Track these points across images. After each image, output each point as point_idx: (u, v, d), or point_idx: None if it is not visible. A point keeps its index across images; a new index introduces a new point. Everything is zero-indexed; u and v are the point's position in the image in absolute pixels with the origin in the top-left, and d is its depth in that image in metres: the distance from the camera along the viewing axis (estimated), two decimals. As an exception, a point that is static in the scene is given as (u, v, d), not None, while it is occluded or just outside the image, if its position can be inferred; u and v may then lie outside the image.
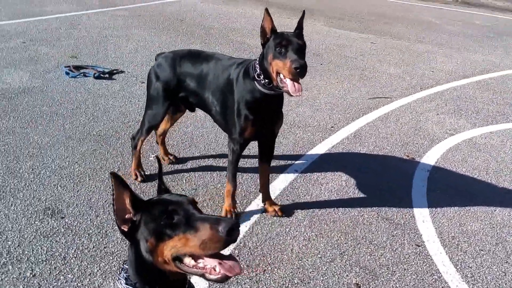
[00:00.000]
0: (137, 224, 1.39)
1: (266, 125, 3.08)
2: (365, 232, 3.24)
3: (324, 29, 8.68)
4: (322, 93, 5.65)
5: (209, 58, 3.23)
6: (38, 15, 7.68)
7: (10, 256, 2.72)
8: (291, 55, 2.68)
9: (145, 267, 1.39)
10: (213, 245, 1.28)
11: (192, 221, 1.32)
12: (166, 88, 3.28)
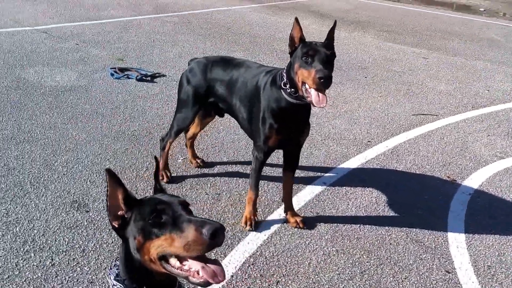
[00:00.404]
0: (128, 221, 1.42)
1: (291, 135, 3.06)
2: (390, 252, 3.15)
3: (374, 42, 8.55)
4: (363, 106, 5.56)
5: (240, 65, 3.27)
6: (93, 19, 8.01)
7: (34, 244, 2.84)
8: (317, 65, 2.66)
9: (134, 265, 1.41)
10: (197, 247, 1.29)
11: (179, 221, 1.33)
12: (196, 93, 3.34)
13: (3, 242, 2.82)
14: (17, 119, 4.29)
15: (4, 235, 2.88)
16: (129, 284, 1.42)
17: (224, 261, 2.89)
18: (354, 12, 11.27)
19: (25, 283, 2.55)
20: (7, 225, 2.97)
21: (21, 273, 2.62)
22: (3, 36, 6.54)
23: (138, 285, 1.42)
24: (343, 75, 6.61)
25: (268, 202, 3.54)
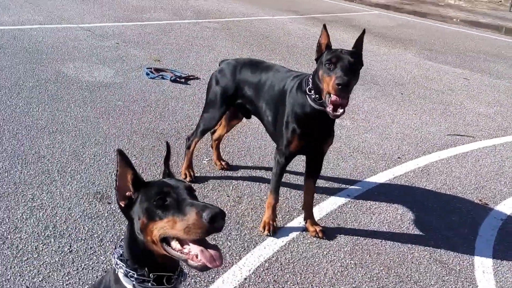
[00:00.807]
0: (134, 202, 1.45)
1: (314, 141, 3.05)
2: (411, 271, 3.07)
3: (414, 60, 8.44)
4: (396, 122, 5.48)
5: (269, 68, 3.29)
6: (135, 20, 8.23)
7: (55, 230, 2.91)
8: (337, 72, 2.67)
9: (137, 246, 1.44)
10: (196, 230, 1.31)
11: (182, 205, 1.36)
12: (224, 93, 3.37)
13: (25, 225, 2.91)
14: (52, 110, 4.43)
15: (28, 219, 2.97)
16: (132, 265, 1.44)
17: (239, 264, 2.89)
18: (396, 29, 11.17)
19: (42, 266, 2.61)
20: (31, 210, 3.05)
21: (40, 257, 2.68)
22: (49, 31, 6.79)
23: (140, 266, 1.43)
24: (379, 90, 6.54)
25: (289, 209, 3.53)
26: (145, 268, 1.43)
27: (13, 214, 2.99)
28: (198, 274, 2.73)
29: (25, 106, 4.41)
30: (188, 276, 2.49)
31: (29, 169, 3.47)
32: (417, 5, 15.51)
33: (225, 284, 2.71)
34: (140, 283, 1.43)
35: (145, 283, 1.42)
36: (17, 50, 5.85)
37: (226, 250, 2.99)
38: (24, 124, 4.09)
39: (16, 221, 2.93)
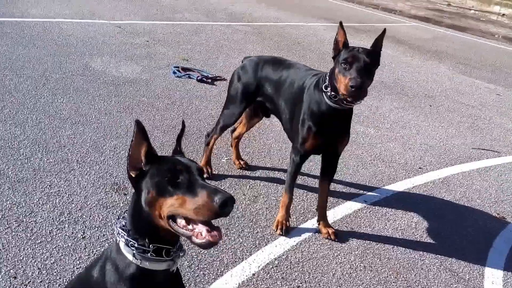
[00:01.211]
0: (145, 174, 1.50)
1: (329, 141, 3.10)
2: (420, 277, 3.10)
3: (447, 73, 8.39)
4: (421, 133, 5.48)
5: (290, 66, 3.36)
6: (167, 20, 8.43)
7: (70, 216, 3.04)
8: (352, 73, 2.73)
9: (141, 217, 1.50)
10: (206, 212, 1.37)
11: (193, 185, 1.41)
12: (245, 90, 3.47)
13: (41, 210, 3.05)
14: (76, 102, 4.60)
15: (44, 204, 3.11)
16: (133, 235, 1.50)
17: (249, 260, 2.96)
18: (432, 41, 11.12)
19: (55, 250, 2.74)
20: (48, 196, 3.20)
21: (53, 241, 2.81)
22: (80, 26, 7.03)
23: (141, 236, 1.50)
24: (407, 101, 6.55)
25: (304, 210, 3.58)
26: (146, 239, 1.49)
27: (30, 199, 3.13)
28: (207, 266, 2.82)
29: (50, 97, 4.60)
30: (187, 253, 2.56)
31: (49, 157, 3.62)
32: (457, 19, 15.36)
33: (233, 278, 2.79)
34: (140, 253, 1.49)
35: (145, 254, 1.49)
36: (46, 42, 6.09)
37: (237, 246, 3.07)
38: (48, 114, 4.27)
39: (32, 206, 3.07)
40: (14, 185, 3.22)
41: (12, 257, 2.62)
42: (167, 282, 1.57)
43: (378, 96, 6.47)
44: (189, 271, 2.76)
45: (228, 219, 3.29)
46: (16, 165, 3.44)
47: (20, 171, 3.39)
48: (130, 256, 1.50)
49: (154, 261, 1.50)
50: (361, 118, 5.59)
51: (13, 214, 2.96)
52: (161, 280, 1.54)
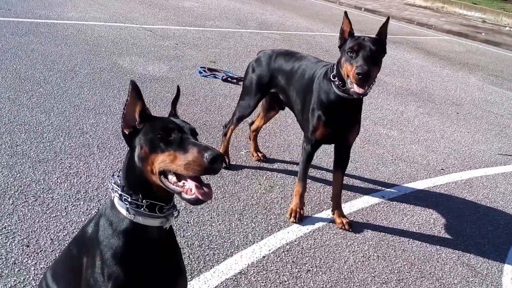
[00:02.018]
0: (138, 131, 1.54)
1: (338, 130, 3.10)
2: (435, 269, 3.02)
3: (477, 84, 8.24)
4: (446, 138, 5.38)
5: (302, 58, 3.39)
6: (198, 26, 8.58)
7: (86, 195, 3.10)
8: (359, 61, 2.72)
9: (134, 173, 1.52)
10: (196, 167, 1.38)
11: (185, 143, 1.44)
12: (259, 81, 3.50)
13: (59, 188, 3.11)
14: (101, 95, 4.71)
15: (62, 183, 3.18)
16: (127, 190, 1.52)
17: (260, 243, 2.95)
18: (464, 54, 10.95)
19: (69, 224, 2.79)
20: (67, 176, 3.27)
21: (68, 215, 2.87)
22: (112, 29, 7.22)
23: (134, 192, 1.51)
24: (433, 107, 6.45)
25: (319, 202, 3.56)
26: (139, 195, 1.50)
27: (49, 177, 3.21)
28: (217, 246, 2.82)
29: (76, 89, 4.72)
30: (180, 212, 2.53)
31: (71, 142, 3.71)
32: (491, 34, 15.11)
33: (242, 259, 2.78)
34: (134, 208, 1.50)
35: (138, 209, 1.50)
36: (79, 41, 6.28)
37: (249, 230, 3.06)
38: (73, 104, 4.38)
39: (50, 184, 3.14)
40: (35, 165, 3.31)
41: (27, 228, 2.69)
42: (161, 240, 1.57)
43: (403, 102, 6.40)
44: (199, 250, 2.77)
45: (242, 205, 3.30)
46: (39, 147, 3.54)
47: (42, 153, 3.48)
48: (123, 211, 1.51)
49: (147, 217, 1.50)
50: (385, 121, 5.53)
51: (31, 190, 3.03)
52: (154, 237, 1.54)
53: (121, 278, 1.49)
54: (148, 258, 1.54)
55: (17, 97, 4.30)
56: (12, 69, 4.92)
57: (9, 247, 2.51)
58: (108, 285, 1.49)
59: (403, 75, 7.82)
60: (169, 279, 1.60)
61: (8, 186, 3.02)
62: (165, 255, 1.59)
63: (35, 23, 6.79)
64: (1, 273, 2.34)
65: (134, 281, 1.51)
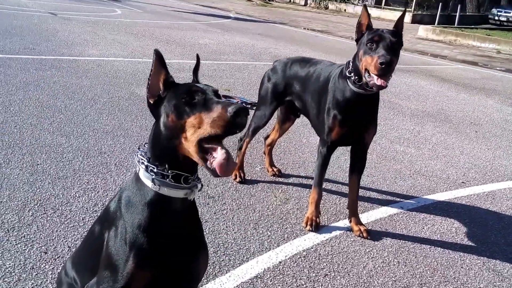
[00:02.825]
0: (163, 99, 1.53)
1: (354, 129, 3.06)
2: (460, 274, 2.93)
3: (495, 106, 8.17)
4: (465, 154, 5.30)
5: (317, 63, 3.40)
6: (213, 60, 8.74)
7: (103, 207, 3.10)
8: (380, 51, 2.71)
9: (160, 143, 1.51)
10: (221, 123, 1.38)
11: (209, 103, 1.44)
12: (274, 90, 3.53)
13: (77, 201, 3.14)
14: (119, 119, 4.80)
15: (80, 196, 3.21)
16: (153, 161, 1.52)
17: (276, 250, 2.92)
18: (480, 80, 10.90)
19: (86, 233, 2.79)
20: (85, 191, 3.30)
21: (85, 225, 2.88)
22: (130, 63, 7.42)
23: (160, 162, 1.50)
24: (451, 127, 6.40)
25: (336, 212, 3.51)
26: (165, 165, 1.50)
27: (67, 192, 3.25)
28: (232, 252, 2.79)
29: (96, 115, 4.82)
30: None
31: (89, 161, 3.76)
32: (507, 63, 15.05)
33: (259, 264, 2.74)
34: (159, 178, 1.49)
35: (164, 179, 1.49)
36: (98, 74, 6.45)
37: (265, 238, 3.03)
38: (92, 128, 4.47)
39: (69, 197, 3.18)
40: (54, 181, 3.36)
41: (45, 236, 2.71)
42: (184, 212, 1.56)
43: (420, 122, 6.36)
44: (215, 256, 2.74)
45: (257, 215, 3.28)
46: (58, 166, 3.59)
47: (61, 170, 3.53)
48: (149, 182, 1.51)
49: (172, 187, 1.50)
50: (401, 140, 5.50)
51: (50, 203, 3.07)
52: (178, 209, 1.53)
53: (144, 247, 1.49)
54: (172, 230, 1.53)
55: (39, 122, 4.41)
56: (34, 98, 5.07)
57: (27, 254, 2.53)
58: (130, 253, 1.48)
59: (418, 99, 7.81)
60: (191, 253, 1.59)
61: (28, 200, 3.06)
62: (188, 228, 1.58)
63: (58, 59, 7.02)
64: (20, 277, 2.35)
65: (156, 252, 1.50)
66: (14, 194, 3.11)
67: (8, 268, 2.40)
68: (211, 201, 3.39)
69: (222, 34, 12.45)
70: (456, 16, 23.35)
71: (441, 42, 18.55)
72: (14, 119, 4.41)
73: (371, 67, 2.74)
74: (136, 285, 1.50)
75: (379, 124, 3.22)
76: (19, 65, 6.38)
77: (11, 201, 3.03)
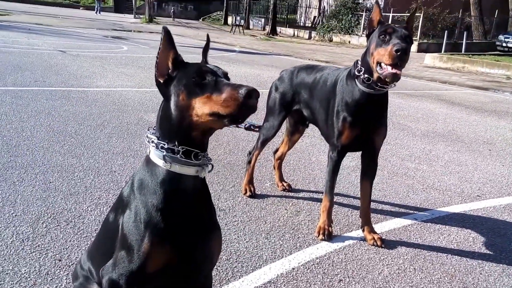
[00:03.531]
0: (173, 78, 1.57)
1: (365, 131, 3.05)
2: (478, 280, 2.91)
3: (508, 126, 8.18)
4: (479, 170, 5.31)
5: (324, 69, 3.45)
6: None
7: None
8: (394, 40, 2.71)
9: (170, 122, 1.55)
10: (232, 103, 1.42)
11: (219, 84, 1.49)
12: (282, 99, 3.60)
13: (89, 214, 3.20)
14: (129, 142, 4.90)
15: (92, 210, 3.27)
16: (162, 140, 1.56)
17: (289, 257, 2.93)
18: (491, 104, 10.95)
19: (99, 245, 2.83)
20: (97, 205, 3.36)
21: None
22: (138, 93, 7.60)
23: (170, 140, 1.55)
24: (464, 145, 6.42)
25: (348, 223, 3.52)
26: (175, 142, 1.54)
27: (80, 206, 3.31)
28: (245, 260, 2.81)
29: (105, 138, 4.92)
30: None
31: (100, 179, 3.83)
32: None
33: (271, 270, 2.75)
34: (170, 155, 1.53)
35: (175, 155, 1.53)
36: (107, 103, 6.61)
37: (277, 246, 3.05)
38: (103, 150, 4.56)
39: (81, 211, 3.24)
40: (67, 197, 3.43)
41: (59, 246, 2.76)
42: (196, 191, 1.59)
43: (430, 142, 6.40)
44: (227, 263, 2.76)
45: (268, 226, 3.30)
46: (70, 183, 3.67)
47: (73, 187, 3.61)
48: (160, 161, 1.55)
49: (183, 164, 1.54)
50: (413, 157, 5.52)
51: (63, 216, 3.13)
52: (190, 188, 1.57)
53: (159, 226, 1.53)
54: (184, 209, 1.57)
55: (50, 146, 4.51)
56: (45, 125, 5.20)
57: (42, 262, 2.58)
58: (145, 232, 1.52)
59: (428, 121, 7.86)
60: (204, 233, 1.62)
61: (42, 213, 3.13)
62: (200, 208, 1.61)
63: (67, 90, 7.21)
64: (35, 281, 2.40)
65: (170, 230, 1.54)
66: (28, 208, 3.19)
67: (24, 274, 2.45)
68: (222, 214, 3.42)
69: (228, 65, 12.67)
70: (462, 44, 23.60)
71: (448, 69, 18.66)
72: (26, 143, 4.53)
73: (384, 57, 2.73)
74: (151, 265, 1.53)
75: (388, 143, 3.24)
76: (30, 96, 6.55)
77: (25, 214, 3.10)
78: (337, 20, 30.99)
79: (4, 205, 3.22)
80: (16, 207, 3.19)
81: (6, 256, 2.60)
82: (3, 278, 2.40)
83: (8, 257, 2.59)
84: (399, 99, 9.96)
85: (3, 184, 3.55)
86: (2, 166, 3.91)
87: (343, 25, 30.62)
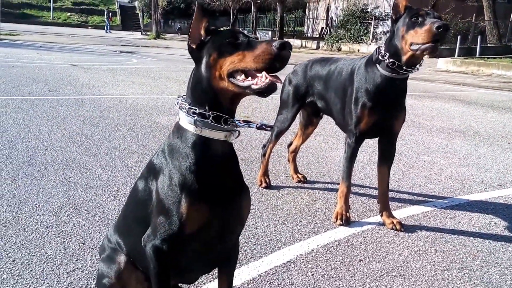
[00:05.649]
0: (206, 43, 1.64)
1: (384, 117, 3.06)
2: (502, 259, 2.92)
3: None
4: (499, 162, 5.30)
5: (338, 60, 3.51)
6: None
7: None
8: (431, 19, 2.71)
9: (201, 85, 1.61)
10: (266, 56, 1.47)
11: (252, 43, 1.55)
12: (296, 92, 3.65)
13: (109, 204, 3.28)
14: (143, 142, 4.99)
15: (111, 201, 3.35)
16: (193, 105, 1.62)
17: (308, 240, 2.97)
18: (507, 102, 10.92)
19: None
20: (115, 196, 3.45)
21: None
22: (150, 99, 7.73)
23: (201, 105, 1.60)
24: (481, 140, 6.42)
25: (366, 210, 3.56)
26: (206, 107, 1.60)
27: (99, 197, 3.40)
28: (263, 242, 2.86)
29: (120, 139, 5.03)
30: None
31: (117, 174, 3.93)
32: (534, 90, 15.03)
33: (291, 251, 2.80)
34: (201, 119, 1.59)
35: (205, 119, 1.59)
36: (120, 108, 6.74)
37: (295, 231, 3.09)
38: (118, 149, 4.66)
39: (101, 202, 3.32)
40: (86, 189, 3.53)
41: (82, 231, 2.86)
42: (225, 155, 1.66)
43: (447, 137, 6.41)
44: (246, 245, 2.81)
45: (285, 213, 3.35)
46: (89, 178, 3.77)
47: (92, 181, 3.71)
48: (190, 126, 1.61)
49: (213, 129, 1.59)
50: (429, 151, 5.54)
51: (84, 206, 3.24)
52: (219, 152, 1.63)
53: (194, 188, 1.58)
54: (216, 171, 1.63)
55: (68, 146, 4.65)
56: (62, 128, 5.35)
57: (67, 245, 2.69)
58: (182, 195, 1.57)
59: (444, 119, 7.87)
60: (235, 194, 1.68)
61: (63, 204, 3.25)
62: (229, 171, 1.68)
63: (81, 98, 7.38)
64: (61, 262, 2.51)
65: (205, 192, 1.60)
66: (50, 200, 3.31)
67: (50, 255, 2.57)
68: (240, 203, 3.48)
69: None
70: (476, 48, 23.53)
71: (462, 72, 18.60)
72: (44, 144, 4.67)
73: (421, 37, 2.72)
74: (190, 226, 1.59)
75: (402, 139, 3.23)
76: (46, 104, 6.72)
77: (47, 205, 3.22)
78: (345, 29, 31.13)
79: (28, 197, 3.34)
80: (38, 199, 3.32)
81: (32, 240, 2.72)
82: (31, 259, 2.51)
83: (34, 241, 2.71)
84: (412, 99, 9.97)
85: (25, 179, 3.68)
86: (23, 164, 4.05)
87: (352, 34, 30.74)
